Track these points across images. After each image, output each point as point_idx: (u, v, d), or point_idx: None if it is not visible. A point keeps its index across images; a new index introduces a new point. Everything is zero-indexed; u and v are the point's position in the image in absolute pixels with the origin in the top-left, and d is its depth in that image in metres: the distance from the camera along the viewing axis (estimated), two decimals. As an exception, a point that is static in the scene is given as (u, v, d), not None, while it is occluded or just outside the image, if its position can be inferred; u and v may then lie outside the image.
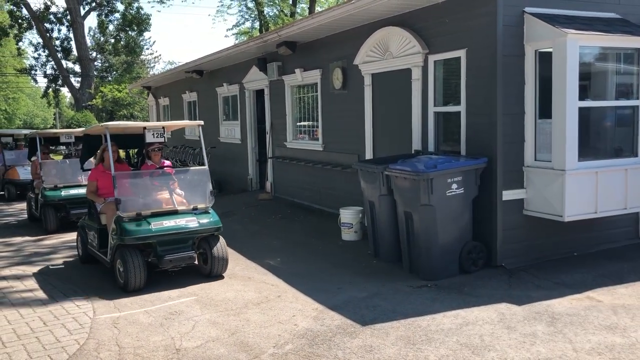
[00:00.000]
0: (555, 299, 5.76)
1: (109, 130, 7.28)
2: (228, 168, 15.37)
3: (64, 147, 16.56)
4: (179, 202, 7.03)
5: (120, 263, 6.56)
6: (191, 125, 7.46)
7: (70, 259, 8.50)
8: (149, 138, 7.16)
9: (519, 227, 6.95)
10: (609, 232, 7.52)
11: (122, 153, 8.73)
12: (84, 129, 11.22)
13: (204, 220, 6.89)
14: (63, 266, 8.10)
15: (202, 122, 7.96)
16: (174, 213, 6.83)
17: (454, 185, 6.52)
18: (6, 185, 15.97)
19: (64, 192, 10.74)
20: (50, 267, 7.96)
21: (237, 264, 7.73)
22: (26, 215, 12.53)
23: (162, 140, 7.29)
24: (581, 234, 7.28)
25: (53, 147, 14.90)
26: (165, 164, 7.55)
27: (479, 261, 6.78)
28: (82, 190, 9.99)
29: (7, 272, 7.84)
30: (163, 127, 7.25)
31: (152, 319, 5.69)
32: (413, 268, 6.85)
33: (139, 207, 6.78)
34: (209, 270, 7.01)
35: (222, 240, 7.06)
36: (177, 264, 6.85)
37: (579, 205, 6.56)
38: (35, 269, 7.95)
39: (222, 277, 7.05)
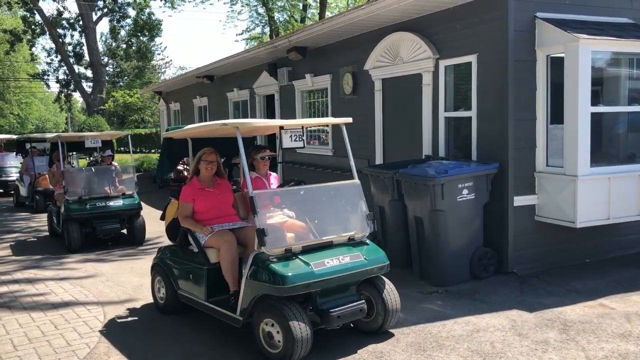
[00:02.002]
0: (568, 306, 5.70)
1: (218, 131, 5.45)
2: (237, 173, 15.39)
3: (73, 154, 14.88)
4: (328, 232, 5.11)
5: (277, 325, 4.48)
6: (335, 124, 5.68)
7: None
8: (286, 142, 5.12)
9: (531, 233, 6.91)
10: (621, 238, 7.45)
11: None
12: (122, 132, 10.73)
13: (370, 255, 4.99)
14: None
15: (349, 120, 5.79)
16: (327, 247, 4.91)
17: (465, 191, 6.49)
18: (34, 195, 14.43)
19: (89, 205, 9.44)
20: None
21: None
22: (47, 231, 11.02)
23: (300, 145, 5.20)
24: (593, 241, 7.21)
25: (71, 154, 13.60)
26: (271, 177, 6.05)
27: (490, 267, 6.73)
28: (111, 203, 9.52)
29: (19, 275, 7.89)
30: (302, 127, 5.18)
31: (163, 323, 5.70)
32: (423, 274, 6.81)
33: (288, 240, 4.91)
34: (378, 324, 5.06)
35: (388, 280, 5.19)
36: (346, 320, 4.83)
37: (591, 211, 6.50)
38: (46, 273, 7.99)
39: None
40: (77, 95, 44.76)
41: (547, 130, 6.83)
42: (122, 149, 27.58)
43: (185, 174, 6.47)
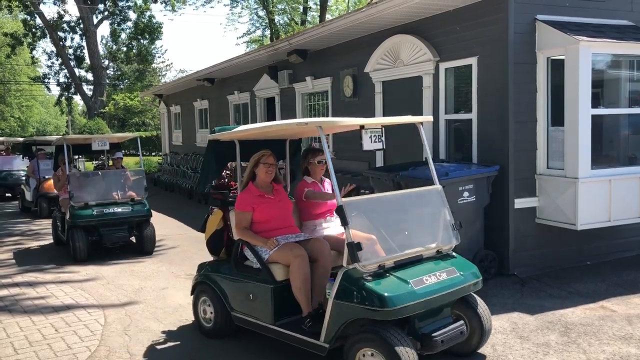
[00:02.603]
0: (569, 309, 5.70)
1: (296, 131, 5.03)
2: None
3: (79, 158, 14.73)
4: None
5: (379, 354, 3.89)
6: (417, 122, 5.06)
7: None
8: (367, 144, 4.54)
9: (532, 235, 6.90)
10: (622, 240, 7.44)
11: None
12: (132, 134, 9.81)
13: (464, 270, 4.46)
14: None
15: (430, 118, 5.47)
16: (417, 261, 4.36)
17: (466, 193, 6.49)
18: (39, 199, 13.82)
19: (96, 212, 8.82)
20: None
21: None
22: (52, 236, 10.34)
23: (380, 146, 4.65)
24: (594, 243, 7.21)
25: (77, 157, 13.29)
26: (325, 182, 5.61)
27: (491, 270, 6.73)
28: (119, 209, 8.94)
29: (19, 278, 7.89)
30: (382, 127, 4.55)
31: (163, 326, 5.69)
32: (424, 276, 6.80)
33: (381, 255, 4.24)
34: (473, 345, 4.60)
35: (478, 296, 4.68)
36: (449, 345, 4.30)
37: (592, 213, 6.50)
38: (47, 276, 7.99)
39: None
40: (77, 99, 44.79)
41: (547, 133, 6.83)
42: (124, 152, 27.58)
43: (226, 180, 5.92)
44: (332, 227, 5.27)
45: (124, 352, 5.07)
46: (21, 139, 20.46)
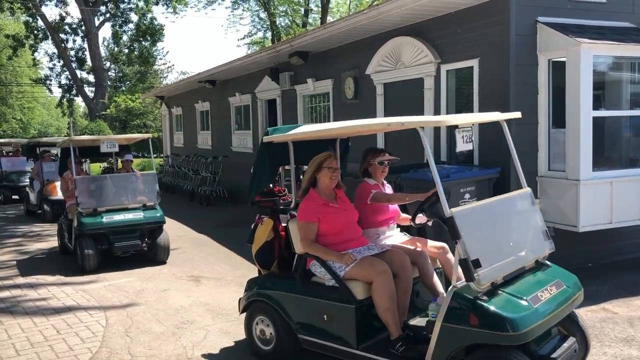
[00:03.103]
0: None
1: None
2: (240, 177, 15.39)
3: (86, 161, 14.06)
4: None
5: None
6: (503, 119, 4.75)
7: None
8: (460, 145, 4.26)
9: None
10: (624, 242, 7.43)
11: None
12: (142, 135, 9.41)
13: (568, 282, 4.10)
14: None
15: (518, 114, 4.89)
16: (520, 274, 3.90)
17: (467, 195, 6.48)
18: (42, 203, 13.42)
19: (106, 219, 8.24)
20: None
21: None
22: (58, 244, 9.71)
23: (470, 147, 4.22)
24: (596, 245, 7.20)
25: (84, 160, 12.59)
26: (386, 187, 5.17)
27: (492, 272, 6.71)
28: (130, 216, 8.37)
29: (21, 280, 7.89)
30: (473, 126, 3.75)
31: (164, 328, 5.70)
32: (425, 278, 6.79)
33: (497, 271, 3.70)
34: None
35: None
36: None
37: (594, 215, 6.49)
38: (48, 277, 8.00)
39: None
40: (79, 100, 44.90)
41: (549, 135, 6.83)
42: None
43: (271, 186, 5.33)
44: (395, 235, 4.85)
45: (125, 354, 5.07)
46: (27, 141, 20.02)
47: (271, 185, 5.37)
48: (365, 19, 8.21)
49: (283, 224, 4.86)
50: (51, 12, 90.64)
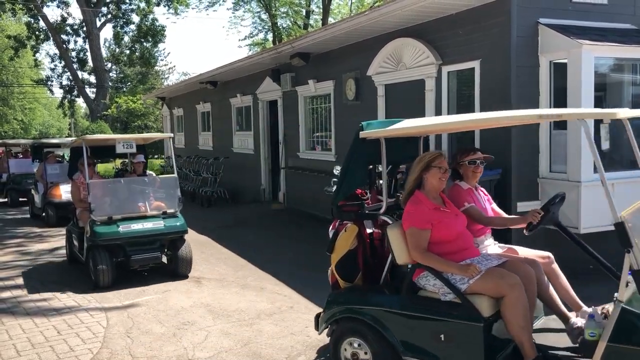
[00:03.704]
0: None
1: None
2: (241, 178, 15.42)
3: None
4: None
5: None
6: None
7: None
8: (604, 143, 3.85)
9: (534, 239, 6.87)
10: (625, 244, 7.42)
11: None
12: (162, 134, 8.15)
13: None
14: None
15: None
16: None
17: (468, 197, 6.47)
18: (46, 206, 12.70)
19: (122, 228, 7.30)
20: None
21: (250, 274, 7.73)
22: (66, 254, 8.93)
23: (607, 146, 3.95)
24: (597, 247, 7.15)
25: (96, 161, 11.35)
26: (480, 190, 4.56)
27: (493, 273, 6.71)
28: (149, 225, 7.42)
29: (21, 280, 7.90)
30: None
31: (165, 329, 5.70)
32: (426, 280, 6.78)
33: None
34: None
35: None
36: None
37: (595, 217, 6.49)
38: (49, 278, 8.00)
39: None
40: (80, 101, 44.95)
41: (550, 136, 6.83)
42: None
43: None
44: (491, 245, 4.39)
45: (126, 355, 5.07)
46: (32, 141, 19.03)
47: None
48: (367, 20, 8.22)
49: (368, 230, 4.42)
50: (53, 13, 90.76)
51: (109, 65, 42.76)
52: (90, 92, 39.51)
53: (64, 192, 11.92)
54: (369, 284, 4.33)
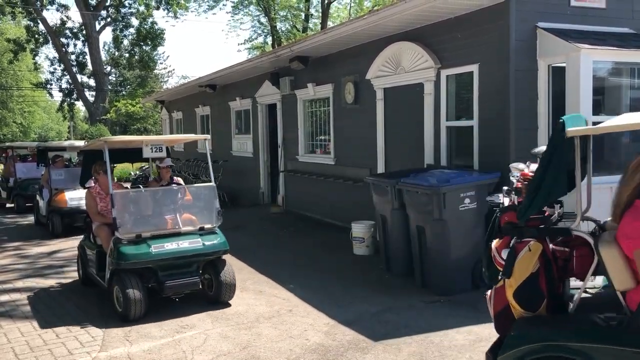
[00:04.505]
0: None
1: None
2: (240, 181, 15.42)
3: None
4: None
5: None
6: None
7: None
8: None
9: (533, 242, 6.88)
10: (624, 248, 7.42)
11: None
12: (198, 135, 6.29)
13: None
14: None
15: None
16: None
17: (467, 200, 6.49)
18: (51, 215, 11.78)
19: (154, 249, 6.10)
20: None
21: (249, 278, 7.72)
22: (78, 273, 7.73)
23: None
24: (596, 250, 7.19)
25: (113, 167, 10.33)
26: None
27: (492, 277, 6.70)
28: (185, 244, 6.24)
29: (20, 284, 7.89)
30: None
31: (164, 332, 5.69)
32: (425, 283, 6.80)
33: None
34: None
35: None
36: None
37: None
38: (48, 281, 7.99)
39: None
40: (79, 104, 44.95)
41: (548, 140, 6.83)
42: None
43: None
44: None
45: (125, 358, 5.07)
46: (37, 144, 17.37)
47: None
48: (366, 24, 8.24)
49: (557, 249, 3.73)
50: (52, 16, 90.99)
51: (109, 68, 42.79)
52: (90, 95, 39.51)
53: (70, 198, 11.45)
54: (554, 313, 3.52)
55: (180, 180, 7.45)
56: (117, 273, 6.13)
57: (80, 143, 13.90)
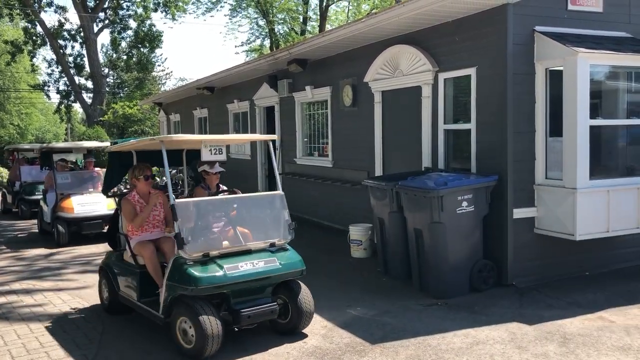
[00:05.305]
0: (567, 319, 5.69)
1: None
2: (237, 184, 15.37)
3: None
4: None
5: None
6: None
7: None
8: None
9: (530, 245, 6.91)
10: (621, 251, 7.45)
11: None
12: (265, 135, 5.20)
13: None
14: None
15: None
16: None
17: (465, 203, 6.50)
18: (56, 222, 10.73)
19: (228, 269, 5.06)
20: None
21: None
22: (101, 299, 6.58)
23: None
24: (593, 253, 7.21)
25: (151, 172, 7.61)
26: None
27: (490, 280, 6.73)
28: (260, 264, 5.24)
29: (17, 286, 7.87)
30: None
31: (163, 335, 5.68)
32: (423, 286, 6.80)
33: None
34: None
35: None
36: None
37: (591, 224, 6.51)
38: (45, 283, 7.97)
39: None
40: (77, 106, 44.84)
41: (546, 143, 6.85)
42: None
43: None
44: None
45: (122, 361, 5.06)
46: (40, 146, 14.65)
47: None
48: (364, 27, 8.25)
49: None
50: (50, 18, 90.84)
51: (106, 70, 42.73)
52: (87, 97, 39.45)
53: (77, 204, 10.67)
54: None
55: (238, 190, 6.34)
56: (181, 300, 5.06)
57: (91, 144, 13.19)
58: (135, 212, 5.95)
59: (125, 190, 7.50)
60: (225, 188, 6.57)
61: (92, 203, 10.85)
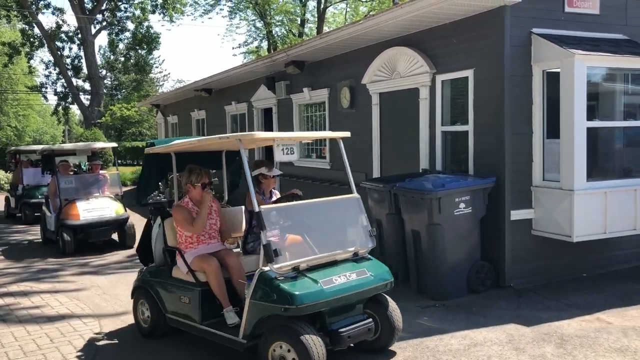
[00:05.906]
0: (565, 320, 5.70)
1: None
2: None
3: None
4: None
5: None
6: None
7: None
8: None
9: (528, 247, 6.92)
10: (618, 252, 7.46)
11: None
12: (339, 132, 5.32)
13: None
14: None
15: None
16: None
17: (462, 205, 6.51)
18: (61, 230, 10.01)
19: (325, 285, 4.47)
20: None
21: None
22: (136, 321, 5.82)
23: None
24: (591, 255, 7.23)
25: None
26: None
27: (488, 281, 6.74)
28: (353, 276, 4.68)
29: (14, 288, 7.85)
30: None
31: (162, 337, 5.67)
32: (421, 287, 6.81)
33: None
34: None
35: None
36: None
37: (588, 225, 6.53)
38: (42, 285, 7.95)
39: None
40: (74, 108, 44.82)
41: (543, 145, 6.87)
42: (120, 161, 27.04)
43: None
44: None
45: (119, 363, 5.05)
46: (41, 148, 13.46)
47: None
48: (362, 29, 8.26)
49: None
50: (48, 20, 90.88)
51: (104, 72, 42.74)
52: (85, 99, 39.43)
53: (83, 210, 9.96)
54: None
55: (300, 193, 5.77)
56: (273, 322, 4.48)
57: (100, 144, 12.25)
58: (192, 217, 5.36)
59: (159, 199, 7.01)
60: (277, 193, 6.01)
61: (99, 208, 10.19)
